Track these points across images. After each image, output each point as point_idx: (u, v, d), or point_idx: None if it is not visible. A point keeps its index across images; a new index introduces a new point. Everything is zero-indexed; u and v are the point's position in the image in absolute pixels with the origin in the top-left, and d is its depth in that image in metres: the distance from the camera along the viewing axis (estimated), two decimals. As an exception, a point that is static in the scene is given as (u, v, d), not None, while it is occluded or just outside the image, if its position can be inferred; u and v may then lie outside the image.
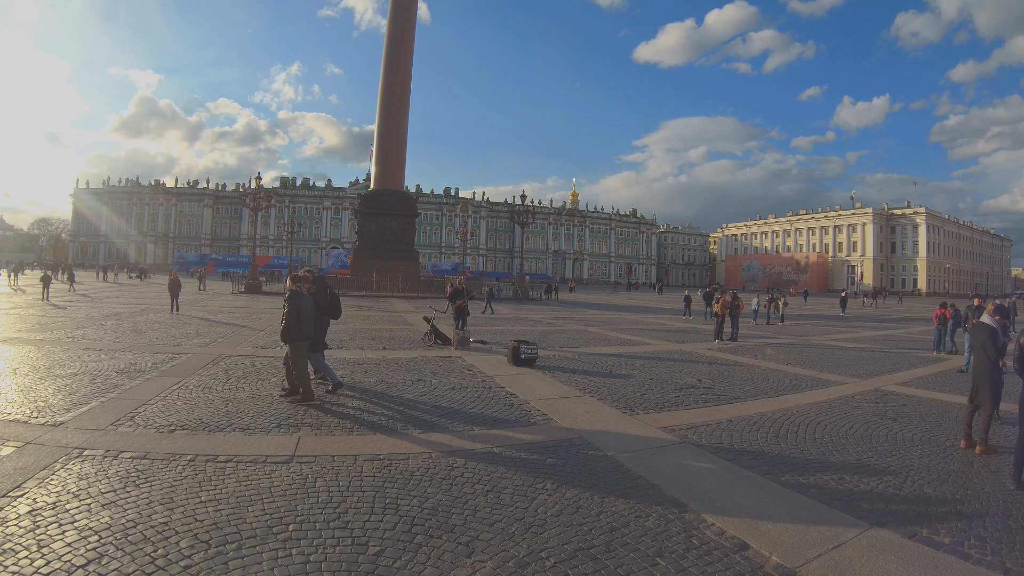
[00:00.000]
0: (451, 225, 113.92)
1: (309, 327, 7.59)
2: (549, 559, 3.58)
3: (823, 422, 7.38)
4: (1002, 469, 5.69)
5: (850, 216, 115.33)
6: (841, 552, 3.80)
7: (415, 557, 3.53)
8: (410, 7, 45.70)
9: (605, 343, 15.92)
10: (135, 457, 5.15)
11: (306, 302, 7.62)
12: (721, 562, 3.64)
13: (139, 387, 8.05)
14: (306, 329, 7.52)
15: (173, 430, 6.07)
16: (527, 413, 7.42)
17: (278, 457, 5.30)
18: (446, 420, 6.89)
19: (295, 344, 7.37)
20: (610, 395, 8.63)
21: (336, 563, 3.43)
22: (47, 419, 6.25)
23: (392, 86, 44.01)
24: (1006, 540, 4.08)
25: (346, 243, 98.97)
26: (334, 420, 6.72)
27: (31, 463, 4.88)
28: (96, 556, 3.39)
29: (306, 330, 7.52)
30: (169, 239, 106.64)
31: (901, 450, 6.22)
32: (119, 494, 4.30)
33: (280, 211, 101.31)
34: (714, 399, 8.64)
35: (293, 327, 7.36)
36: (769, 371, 11.69)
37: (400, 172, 45.50)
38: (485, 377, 9.83)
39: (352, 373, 9.71)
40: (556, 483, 4.90)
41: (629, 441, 6.26)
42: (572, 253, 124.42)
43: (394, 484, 4.73)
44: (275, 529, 3.83)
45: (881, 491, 4.95)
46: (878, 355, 15.34)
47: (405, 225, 44.22)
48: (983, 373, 6.37)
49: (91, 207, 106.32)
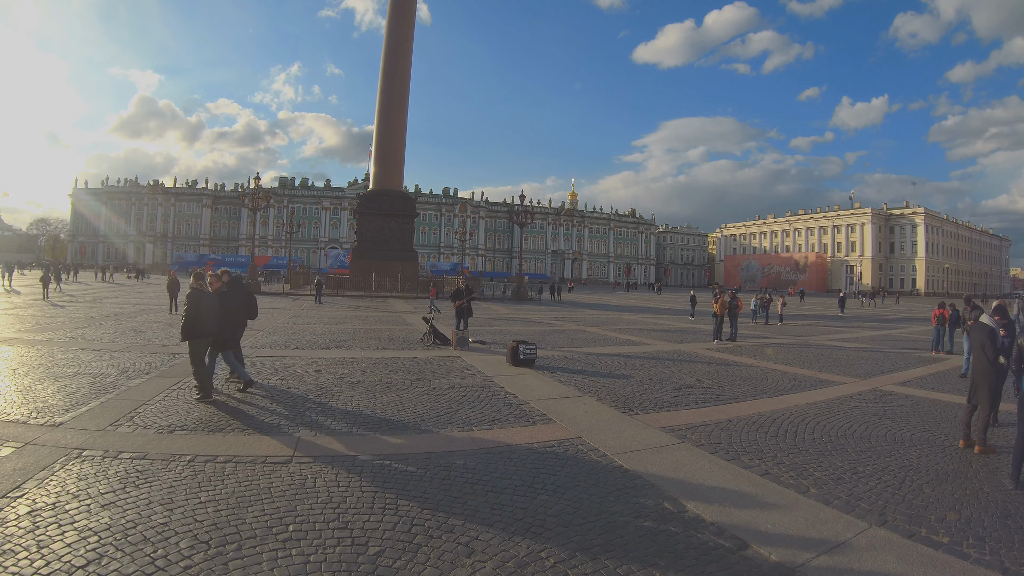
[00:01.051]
0: (450, 225, 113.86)
1: (208, 325, 7.61)
2: (549, 559, 3.58)
3: (822, 422, 7.39)
4: (1001, 469, 5.70)
5: (849, 216, 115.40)
6: (840, 552, 3.80)
7: (415, 557, 3.54)
8: (409, 7, 45.69)
9: (604, 343, 15.93)
10: (134, 458, 5.15)
11: (208, 300, 7.70)
12: (720, 562, 3.64)
13: (138, 387, 8.05)
14: (205, 327, 7.56)
15: (172, 430, 6.07)
16: (526, 413, 7.42)
17: (277, 457, 5.31)
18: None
19: (193, 341, 7.42)
20: (609, 395, 8.63)
21: (336, 563, 3.43)
22: (46, 420, 6.24)
23: (391, 86, 44.02)
24: (1004, 540, 4.09)
25: (345, 243, 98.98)
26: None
27: (30, 464, 4.88)
28: (96, 557, 3.39)
29: (205, 328, 7.56)
30: (168, 239, 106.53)
31: (900, 450, 6.23)
32: (118, 495, 4.30)
33: (279, 211, 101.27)
34: (713, 399, 8.65)
35: (191, 324, 7.41)
36: (768, 371, 11.71)
37: (399, 172, 45.50)
38: (484, 377, 9.83)
39: (351, 373, 9.71)
40: (555, 483, 4.91)
41: (628, 441, 6.26)
42: (571, 253, 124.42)
43: (393, 485, 4.74)
44: (275, 529, 3.84)
45: (880, 491, 4.96)
46: (877, 355, 15.35)
47: (404, 225, 44.20)
48: (982, 373, 6.38)
49: (90, 207, 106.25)
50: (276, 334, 15.26)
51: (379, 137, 44.69)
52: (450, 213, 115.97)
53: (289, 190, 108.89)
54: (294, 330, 16.52)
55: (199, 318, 7.44)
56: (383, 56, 44.72)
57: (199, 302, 7.52)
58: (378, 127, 44.79)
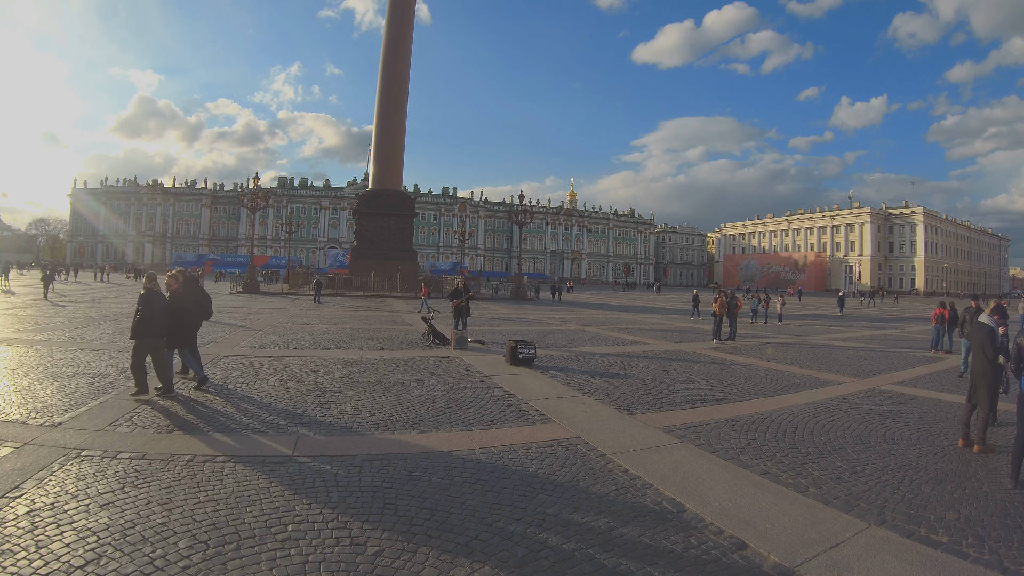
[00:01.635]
0: (449, 225, 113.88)
1: (160, 326, 7.70)
2: (548, 559, 3.58)
3: (821, 421, 7.39)
4: (1000, 468, 5.70)
5: (848, 216, 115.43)
6: (839, 551, 3.80)
7: (413, 557, 3.53)
8: (408, 7, 45.65)
9: (603, 343, 15.93)
10: (133, 457, 5.15)
11: (160, 301, 7.81)
12: (719, 561, 3.64)
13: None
14: (157, 327, 7.64)
15: (171, 430, 6.06)
16: (525, 413, 7.42)
17: (276, 457, 5.30)
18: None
19: (140, 341, 7.48)
20: (608, 395, 8.63)
21: (335, 563, 3.43)
22: (45, 420, 6.23)
23: (390, 86, 44.01)
24: (1004, 539, 4.09)
25: (344, 243, 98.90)
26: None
27: (29, 464, 4.87)
28: (95, 557, 3.38)
29: (157, 328, 7.64)
30: (167, 239, 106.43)
31: (899, 449, 6.23)
32: (117, 495, 4.30)
33: (278, 211, 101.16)
34: (712, 399, 8.65)
35: (142, 324, 7.48)
36: (767, 371, 11.71)
37: (398, 172, 45.48)
38: (483, 377, 9.83)
39: (350, 373, 9.70)
40: (554, 483, 4.91)
41: (627, 441, 6.26)
42: (570, 253, 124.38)
43: (392, 485, 4.73)
44: (274, 529, 3.83)
45: (879, 490, 4.96)
46: (876, 354, 15.36)
47: (403, 225, 44.18)
48: (981, 373, 6.38)
49: (89, 207, 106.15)
50: (275, 334, 15.26)
51: (378, 137, 44.67)
52: (449, 213, 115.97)
53: (288, 190, 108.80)
54: (293, 330, 16.51)
55: (152, 319, 7.56)
56: (382, 56, 44.69)
57: (152, 302, 7.63)
58: (377, 127, 44.78)
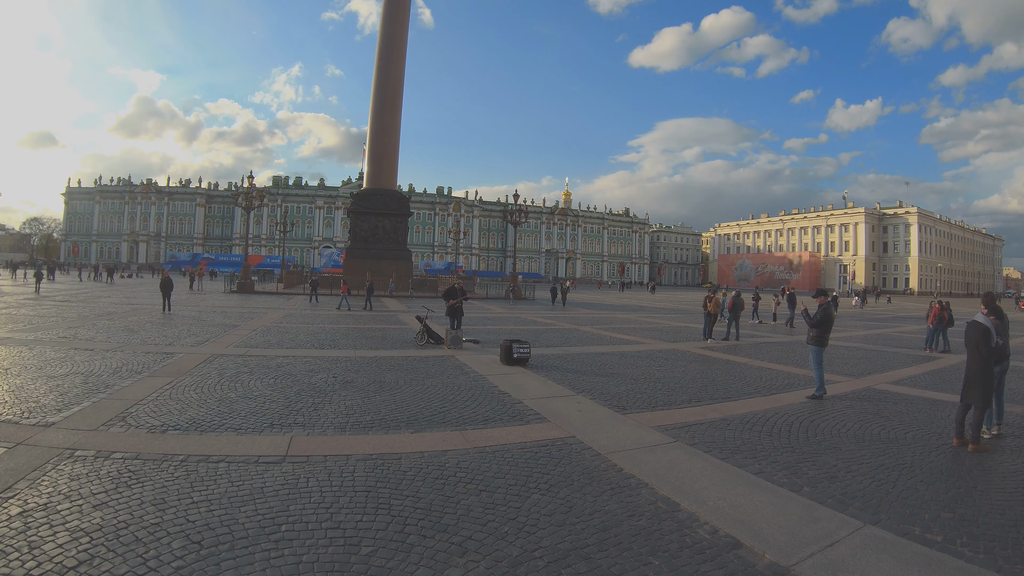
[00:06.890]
0: (444, 224, 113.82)
1: None
2: (542, 559, 3.58)
3: (816, 420, 7.41)
4: (995, 467, 5.74)
5: (842, 216, 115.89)
6: (834, 550, 3.81)
7: (408, 557, 3.52)
8: (403, 8, 45.53)
9: (598, 342, 15.94)
10: (127, 458, 5.12)
11: None
12: (714, 561, 3.64)
13: (131, 387, 7.99)
14: None
15: (165, 430, 6.03)
16: (520, 412, 7.41)
17: (270, 457, 5.28)
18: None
19: None
20: (603, 394, 8.63)
21: (329, 563, 3.42)
22: (38, 419, 6.19)
23: (385, 86, 43.99)
24: (999, 538, 4.11)
25: (339, 242, 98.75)
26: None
27: (22, 464, 4.84)
28: (88, 557, 3.36)
29: None
30: (161, 238, 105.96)
31: (894, 448, 6.26)
32: (111, 495, 4.27)
33: (272, 210, 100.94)
34: (707, 398, 8.67)
35: None
36: (762, 370, 11.74)
37: (393, 171, 45.44)
38: (477, 376, 9.82)
39: (344, 373, 9.68)
40: (549, 482, 4.90)
41: (622, 440, 6.26)
42: (565, 252, 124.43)
43: (386, 485, 4.72)
44: (267, 529, 3.82)
45: (874, 489, 4.98)
46: (870, 354, 15.42)
47: (398, 224, 44.17)
48: (975, 371, 6.41)
49: (83, 206, 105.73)
50: (269, 333, 15.21)
51: (373, 136, 44.62)
52: (444, 212, 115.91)
53: (283, 189, 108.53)
54: (287, 329, 16.46)
55: None
56: (377, 56, 44.66)
57: None
58: (372, 126, 44.72)
